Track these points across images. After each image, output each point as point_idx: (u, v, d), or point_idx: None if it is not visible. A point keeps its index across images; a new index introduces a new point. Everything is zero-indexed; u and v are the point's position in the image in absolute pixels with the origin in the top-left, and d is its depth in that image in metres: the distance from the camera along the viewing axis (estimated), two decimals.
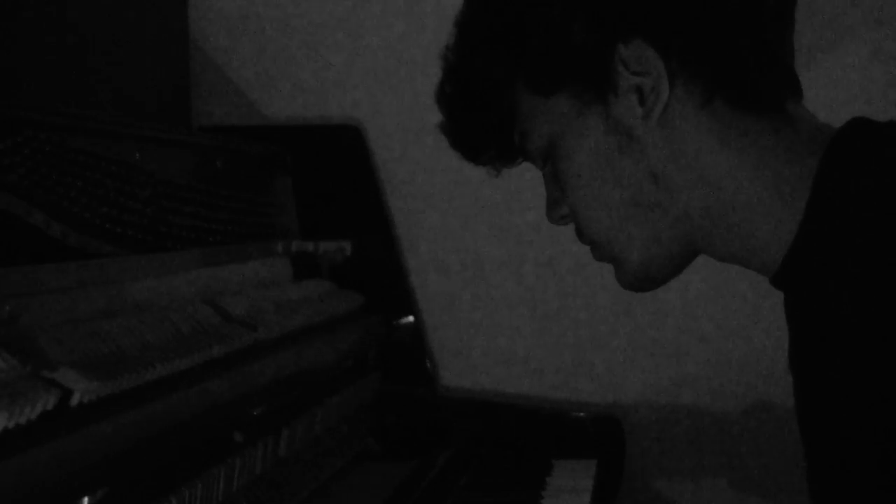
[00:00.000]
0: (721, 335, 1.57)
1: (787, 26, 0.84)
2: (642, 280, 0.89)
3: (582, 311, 1.60)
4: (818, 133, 0.80)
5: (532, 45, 0.84)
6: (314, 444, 1.22)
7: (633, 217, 0.84)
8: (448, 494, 1.27)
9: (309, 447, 1.20)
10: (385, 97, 1.61)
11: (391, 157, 1.62)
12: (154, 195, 1.14)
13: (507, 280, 1.61)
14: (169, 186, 1.18)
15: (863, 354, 0.73)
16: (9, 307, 0.79)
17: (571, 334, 1.60)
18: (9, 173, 0.92)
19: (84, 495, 0.76)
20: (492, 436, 1.48)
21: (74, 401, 0.76)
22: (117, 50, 1.38)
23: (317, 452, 1.22)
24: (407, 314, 1.61)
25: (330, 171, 1.59)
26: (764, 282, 1.61)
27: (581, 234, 0.91)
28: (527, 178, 1.60)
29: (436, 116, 1.62)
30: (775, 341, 1.55)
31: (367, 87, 1.62)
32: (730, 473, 1.58)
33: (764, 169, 0.80)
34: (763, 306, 1.55)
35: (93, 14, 1.33)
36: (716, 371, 1.58)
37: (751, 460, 1.57)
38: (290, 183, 1.53)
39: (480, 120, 0.93)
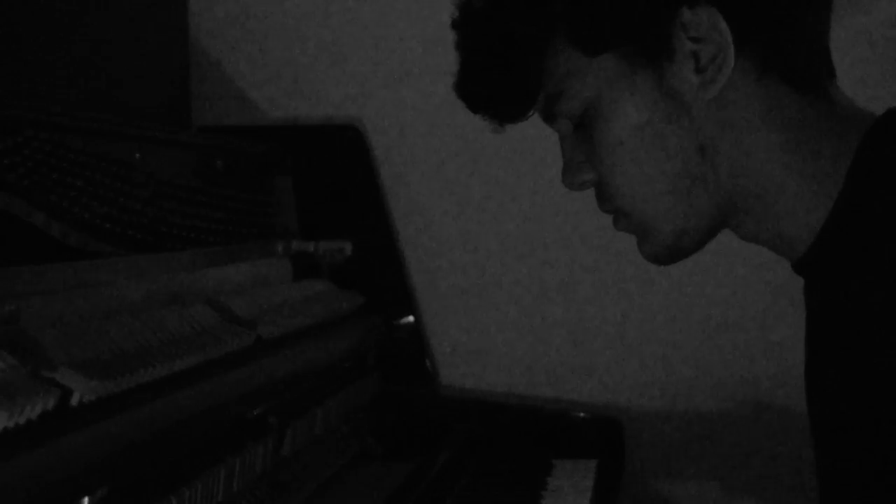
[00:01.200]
0: (721, 335, 1.57)
1: (829, 4, 0.82)
2: (672, 252, 0.85)
3: (582, 311, 1.60)
4: (857, 118, 0.79)
5: None
6: (314, 444, 1.22)
7: (674, 189, 0.81)
8: (448, 494, 1.27)
9: (309, 447, 1.20)
10: (385, 97, 1.61)
11: (391, 157, 1.62)
12: (154, 195, 1.14)
13: (507, 280, 1.61)
14: (169, 186, 1.18)
15: (886, 344, 0.72)
16: (9, 307, 0.79)
17: (572, 335, 1.60)
18: (9, 173, 0.92)
19: (84, 495, 0.76)
20: (492, 436, 1.48)
21: (74, 401, 0.76)
22: (117, 50, 1.38)
23: (317, 452, 1.22)
24: (407, 314, 1.61)
25: (330, 171, 1.59)
26: (765, 282, 1.61)
27: (605, 202, 0.86)
28: (526, 179, 1.60)
29: (436, 117, 1.63)
30: (776, 341, 1.55)
31: (367, 87, 1.62)
32: (730, 473, 1.58)
33: (803, 149, 0.78)
34: (764, 307, 1.55)
35: (93, 15, 1.33)
36: (716, 371, 1.57)
37: (751, 460, 1.57)
38: (290, 183, 1.53)
39: (505, 76, 0.86)
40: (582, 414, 1.51)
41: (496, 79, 0.87)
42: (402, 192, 1.62)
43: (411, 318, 1.60)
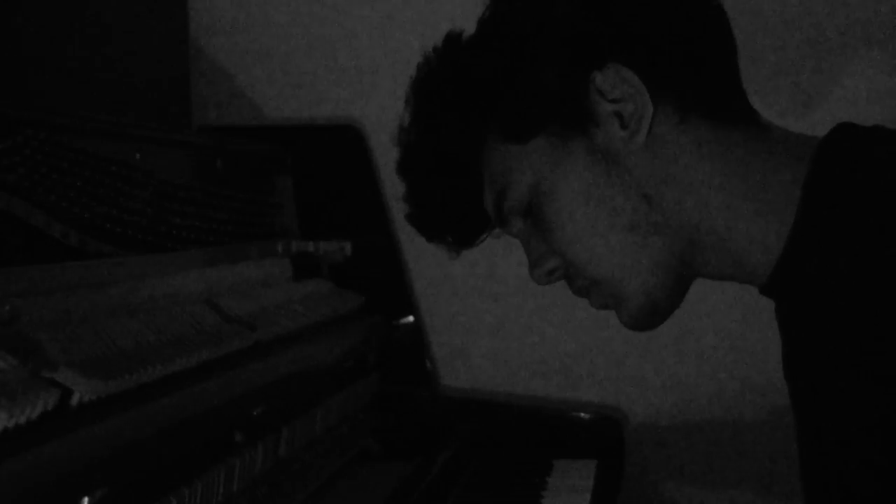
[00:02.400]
0: (721, 335, 1.57)
1: (734, 48, 0.85)
2: (648, 313, 0.88)
3: (582, 310, 1.59)
4: (800, 141, 0.81)
5: (504, 95, 0.83)
6: (314, 445, 1.22)
7: (631, 243, 0.83)
8: (448, 494, 1.27)
9: (309, 447, 1.20)
10: (385, 97, 1.61)
11: (391, 157, 1.62)
12: (154, 195, 1.14)
13: (507, 280, 1.61)
14: (169, 186, 1.18)
15: (858, 358, 0.73)
16: (9, 307, 0.79)
17: (571, 334, 1.60)
18: (9, 173, 0.92)
19: (84, 495, 0.76)
20: (492, 436, 1.48)
21: (74, 401, 0.76)
22: (117, 50, 1.38)
23: (317, 452, 1.22)
24: (407, 314, 1.61)
25: (330, 171, 1.59)
26: None
27: (575, 281, 0.89)
28: None
29: None
30: (776, 341, 1.55)
31: (368, 87, 1.62)
32: (730, 473, 1.58)
33: (749, 177, 0.80)
34: (763, 307, 1.55)
35: (93, 14, 1.33)
36: (716, 371, 1.57)
37: (751, 460, 1.57)
38: (290, 183, 1.53)
39: (450, 187, 0.91)
40: (582, 414, 1.52)
41: (445, 197, 0.93)
42: (402, 192, 1.62)
43: (411, 318, 1.60)
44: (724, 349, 1.57)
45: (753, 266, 0.82)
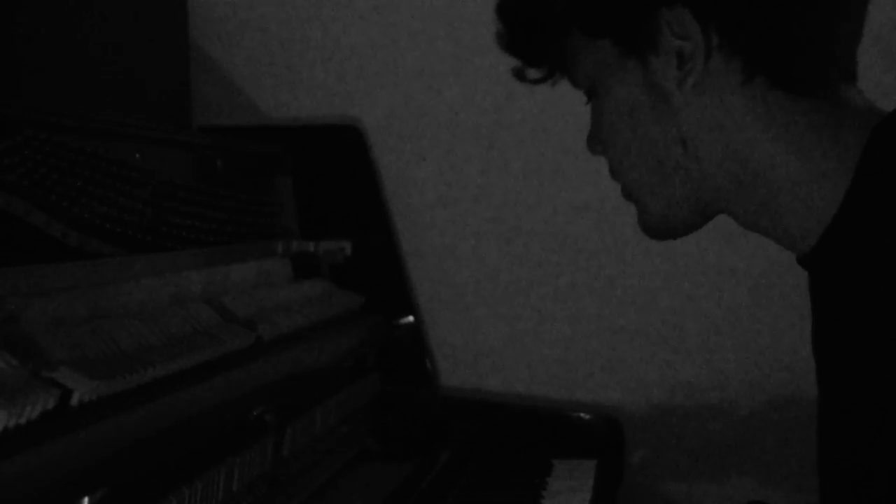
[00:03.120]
0: (722, 335, 1.57)
1: (841, 8, 0.83)
2: (661, 232, 0.90)
3: (582, 311, 1.60)
4: (870, 118, 0.80)
5: None
6: (314, 444, 1.22)
7: (657, 175, 0.86)
8: (448, 494, 1.27)
9: (309, 447, 1.20)
10: (385, 97, 1.61)
11: (391, 157, 1.62)
12: (154, 195, 1.14)
13: (507, 280, 1.61)
14: (169, 186, 1.18)
15: (894, 341, 0.72)
16: (9, 307, 0.79)
17: (571, 335, 1.60)
18: (9, 173, 0.92)
19: (84, 495, 0.76)
20: (492, 436, 1.48)
21: (74, 401, 0.76)
22: (117, 50, 1.38)
23: (317, 452, 1.22)
24: (407, 314, 1.61)
25: (330, 171, 1.59)
26: (764, 283, 1.61)
27: (610, 171, 0.92)
28: (526, 179, 1.60)
29: (436, 117, 1.63)
30: (776, 342, 1.55)
31: (367, 87, 1.62)
32: (730, 473, 1.58)
33: (803, 150, 0.80)
34: (765, 307, 1.55)
35: (93, 14, 1.33)
36: (716, 371, 1.57)
37: (751, 460, 1.57)
38: (290, 183, 1.53)
39: (537, 50, 0.93)
40: (582, 414, 1.51)
41: (526, 48, 0.93)
42: (402, 192, 1.62)
43: (411, 318, 1.60)
44: (724, 349, 1.57)
45: (795, 234, 0.82)
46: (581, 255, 1.59)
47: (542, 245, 1.60)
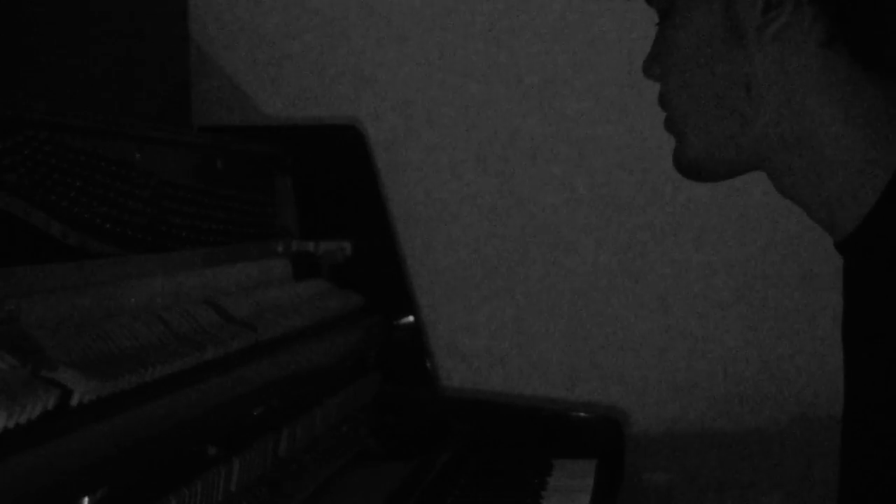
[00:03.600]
0: (722, 335, 1.57)
1: None
2: (693, 170, 0.89)
3: (582, 310, 1.60)
4: None
5: None
6: (314, 444, 1.22)
7: (711, 110, 0.85)
8: (448, 494, 1.27)
9: (309, 447, 1.20)
10: (385, 97, 1.61)
11: (391, 157, 1.62)
12: (154, 195, 1.14)
13: (507, 280, 1.61)
14: (169, 186, 1.18)
15: None
16: (9, 307, 0.79)
17: (572, 335, 1.60)
18: (9, 173, 0.92)
19: (84, 495, 0.76)
20: (492, 436, 1.48)
21: (74, 401, 0.76)
22: (117, 50, 1.38)
23: (317, 452, 1.22)
24: (407, 314, 1.61)
25: (330, 172, 1.59)
26: (766, 284, 1.61)
27: (661, 96, 0.91)
28: (526, 179, 1.60)
29: (436, 117, 1.63)
30: (777, 342, 1.55)
31: (367, 87, 1.62)
32: (730, 473, 1.58)
33: (862, 128, 0.79)
34: (766, 308, 1.55)
35: (93, 14, 1.33)
36: (716, 371, 1.57)
37: (751, 460, 1.57)
38: (290, 183, 1.53)
39: None
40: (582, 414, 1.52)
41: None
42: (402, 192, 1.62)
43: (411, 318, 1.60)
44: (724, 349, 1.57)
45: (835, 212, 0.81)
46: (581, 256, 1.59)
47: (542, 245, 1.60)
